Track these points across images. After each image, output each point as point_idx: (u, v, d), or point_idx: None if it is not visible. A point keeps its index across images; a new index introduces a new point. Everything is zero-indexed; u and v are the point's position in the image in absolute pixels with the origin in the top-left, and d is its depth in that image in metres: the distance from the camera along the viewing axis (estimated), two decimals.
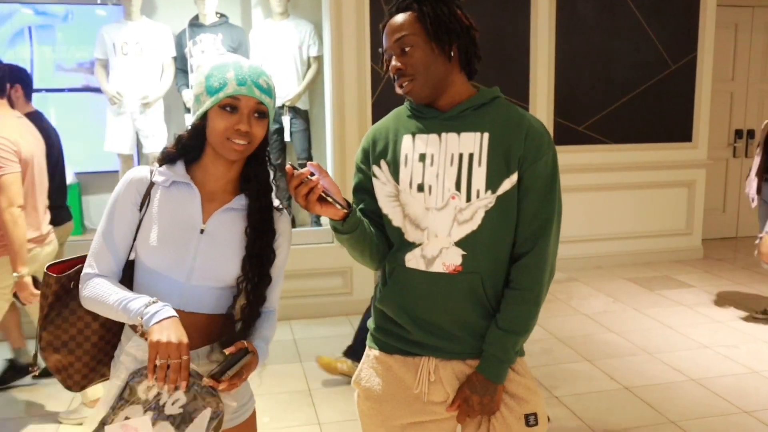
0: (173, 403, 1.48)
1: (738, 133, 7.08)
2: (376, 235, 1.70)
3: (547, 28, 5.61)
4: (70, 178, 5.45)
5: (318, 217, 3.86)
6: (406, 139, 1.67)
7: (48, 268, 1.65)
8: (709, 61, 6.11)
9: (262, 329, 1.65)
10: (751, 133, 7.08)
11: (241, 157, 1.59)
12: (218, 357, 1.59)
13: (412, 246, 1.65)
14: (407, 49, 1.60)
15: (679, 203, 6.29)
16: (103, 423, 1.48)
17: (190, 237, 1.60)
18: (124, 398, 1.48)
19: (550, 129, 5.69)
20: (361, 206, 1.73)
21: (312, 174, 1.52)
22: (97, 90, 5.47)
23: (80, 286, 1.61)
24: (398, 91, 1.66)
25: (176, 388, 1.46)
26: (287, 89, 5.24)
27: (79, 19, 5.64)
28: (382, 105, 5.32)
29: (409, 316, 1.67)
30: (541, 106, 5.66)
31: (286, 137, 5.34)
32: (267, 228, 1.64)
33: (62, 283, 1.64)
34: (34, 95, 3.82)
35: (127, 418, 1.48)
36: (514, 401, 1.66)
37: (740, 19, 6.83)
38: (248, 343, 1.57)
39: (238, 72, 1.54)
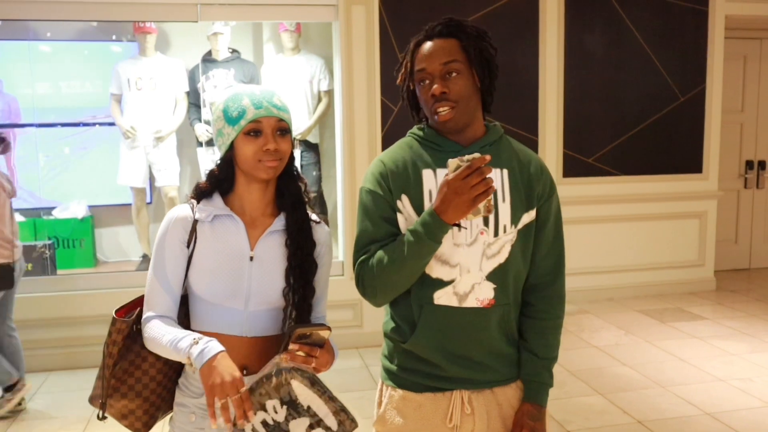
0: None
1: (749, 164, 7.07)
2: None
3: (556, 62, 5.67)
4: (83, 211, 5.54)
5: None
6: (427, 174, 1.63)
7: (115, 312, 1.65)
8: (718, 92, 6.13)
9: None
10: (762, 164, 7.07)
11: (275, 174, 1.64)
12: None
13: (440, 283, 1.63)
14: (453, 75, 1.58)
15: (690, 234, 6.26)
16: None
17: (242, 266, 1.65)
18: None
19: (560, 161, 5.72)
20: (390, 234, 1.64)
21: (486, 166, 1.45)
22: (111, 124, 5.56)
23: (142, 329, 1.64)
24: (436, 116, 1.60)
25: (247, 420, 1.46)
26: (298, 123, 5.30)
27: (94, 55, 5.75)
28: (391, 138, 5.33)
29: (442, 354, 1.66)
30: (551, 138, 5.69)
31: None
32: (305, 238, 1.68)
33: (130, 326, 1.65)
34: (52, 129, 3.88)
35: None
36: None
37: (749, 51, 6.86)
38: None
39: (252, 98, 1.61)
